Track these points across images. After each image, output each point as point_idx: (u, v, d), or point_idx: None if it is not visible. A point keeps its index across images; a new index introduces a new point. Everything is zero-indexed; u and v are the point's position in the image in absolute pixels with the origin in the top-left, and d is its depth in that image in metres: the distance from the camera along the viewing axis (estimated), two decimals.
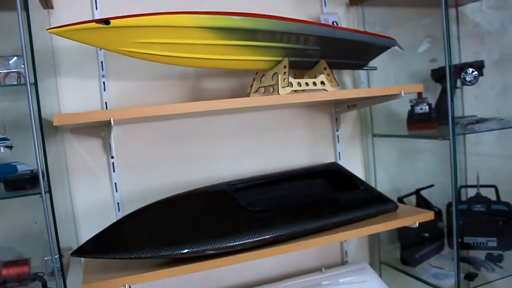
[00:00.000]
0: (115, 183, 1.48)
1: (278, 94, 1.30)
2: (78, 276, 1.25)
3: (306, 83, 1.37)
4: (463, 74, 1.68)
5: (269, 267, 1.69)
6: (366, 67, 1.62)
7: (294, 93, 1.33)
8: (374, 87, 1.76)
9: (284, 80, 1.31)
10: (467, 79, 1.68)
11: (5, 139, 1.25)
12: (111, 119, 1.10)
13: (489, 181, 1.76)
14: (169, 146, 1.55)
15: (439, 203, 1.77)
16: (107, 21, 1.06)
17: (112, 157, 1.47)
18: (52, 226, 1.13)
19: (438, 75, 1.75)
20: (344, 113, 1.79)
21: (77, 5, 1.42)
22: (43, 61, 1.23)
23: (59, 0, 1.39)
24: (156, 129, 1.53)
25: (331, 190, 1.59)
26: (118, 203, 1.48)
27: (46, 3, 1.33)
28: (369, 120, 1.84)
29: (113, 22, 1.06)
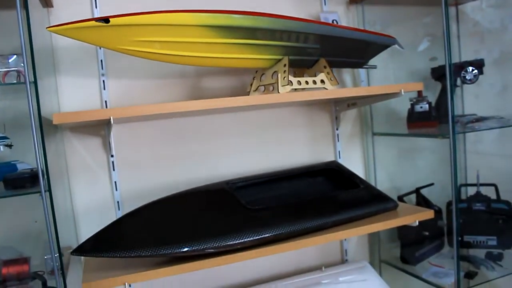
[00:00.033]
0: (115, 182, 1.48)
1: (278, 92, 1.30)
2: (78, 275, 1.25)
3: (306, 81, 1.37)
4: (463, 72, 1.68)
5: (269, 266, 1.69)
6: (366, 66, 1.62)
7: (294, 92, 1.33)
8: (374, 86, 1.76)
9: (284, 78, 1.31)
10: (467, 77, 1.68)
11: (5, 137, 1.25)
12: (111, 118, 1.10)
13: (489, 179, 1.76)
14: (169, 145, 1.55)
15: (439, 202, 1.77)
16: (106, 19, 1.06)
17: (112, 156, 1.47)
18: (52, 225, 1.13)
19: (438, 74, 1.75)
20: (344, 111, 1.79)
21: (77, 4, 1.42)
22: (42, 59, 1.23)
23: None
24: (156, 127, 1.53)
25: (331, 188, 1.59)
26: (118, 201, 1.48)
27: (45, 1, 1.33)
28: (369, 119, 1.84)
29: (113, 21, 1.06)
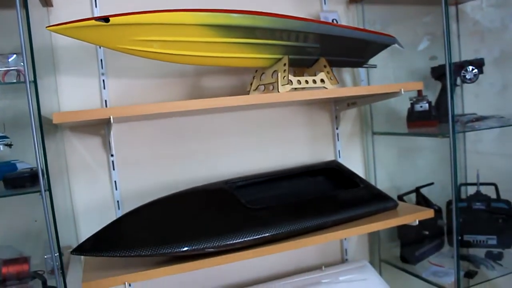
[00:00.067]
0: (115, 181, 1.48)
1: (278, 92, 1.30)
2: (78, 274, 1.25)
3: (306, 81, 1.37)
4: (463, 72, 1.68)
5: (269, 265, 1.69)
6: (366, 65, 1.62)
7: (293, 91, 1.33)
8: (374, 85, 1.76)
9: (284, 78, 1.31)
10: (467, 77, 1.68)
11: (5, 137, 1.24)
12: (111, 117, 1.10)
13: (489, 179, 1.76)
14: (169, 144, 1.55)
15: (439, 201, 1.77)
16: (106, 18, 1.06)
17: (112, 155, 1.47)
18: (52, 224, 1.13)
19: (438, 73, 1.75)
20: (344, 111, 1.79)
21: (77, 3, 1.42)
22: (42, 59, 1.23)
23: None
24: (156, 127, 1.53)
25: (331, 188, 1.59)
26: (118, 201, 1.48)
27: (45, 1, 1.33)
28: (369, 118, 1.84)
29: (113, 20, 1.06)
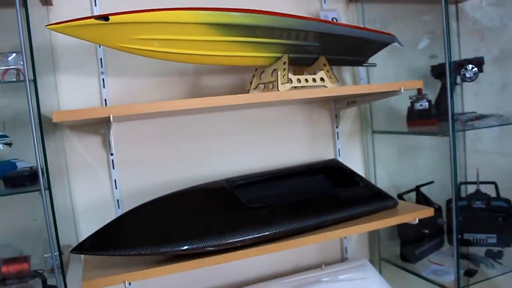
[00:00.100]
0: (115, 180, 1.48)
1: (278, 90, 1.30)
2: (78, 273, 1.25)
3: (306, 79, 1.37)
4: (462, 70, 1.68)
5: (269, 264, 1.70)
6: (366, 64, 1.62)
7: (293, 90, 1.33)
8: (373, 84, 1.76)
9: (284, 76, 1.31)
10: (467, 75, 1.68)
11: (4, 136, 1.24)
12: (111, 116, 1.10)
13: (488, 177, 1.76)
14: (169, 143, 1.55)
15: (439, 200, 1.77)
16: (106, 17, 1.06)
17: (112, 154, 1.47)
18: (51, 223, 1.13)
19: (437, 72, 1.75)
20: (344, 109, 1.79)
21: (76, 2, 1.42)
22: (42, 58, 1.23)
23: None
24: (155, 126, 1.53)
25: (331, 186, 1.59)
26: (117, 200, 1.48)
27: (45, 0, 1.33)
28: (368, 117, 1.84)
29: (112, 18, 1.06)
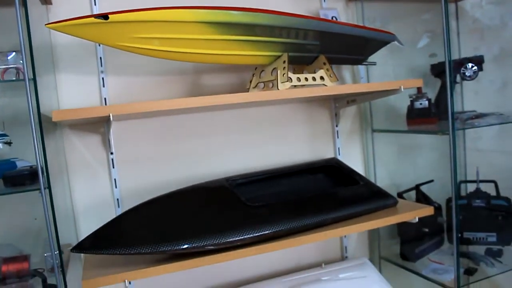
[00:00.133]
0: (115, 179, 1.48)
1: (278, 89, 1.30)
2: (78, 272, 1.25)
3: (306, 78, 1.37)
4: (462, 69, 1.68)
5: (269, 263, 1.70)
6: (366, 62, 1.62)
7: (293, 88, 1.33)
8: (373, 82, 1.76)
9: (284, 75, 1.31)
10: (467, 74, 1.68)
11: (4, 135, 1.24)
12: (110, 115, 1.10)
13: (488, 176, 1.76)
14: (169, 142, 1.55)
15: (438, 198, 1.77)
16: (105, 16, 1.05)
17: (112, 153, 1.47)
18: (51, 222, 1.13)
19: (437, 70, 1.75)
20: (344, 108, 1.79)
21: (76, 1, 1.41)
22: (41, 57, 1.23)
23: None
24: (155, 124, 1.53)
25: (330, 185, 1.59)
26: (117, 199, 1.48)
27: None
28: (368, 116, 1.84)
29: (112, 17, 1.06)
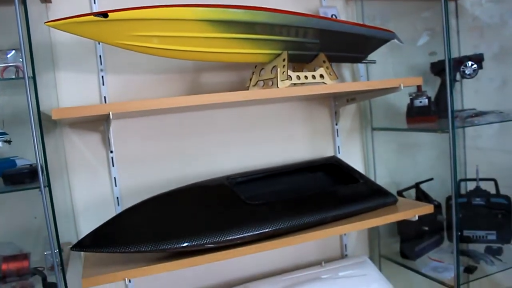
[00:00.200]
0: (115, 178, 1.48)
1: (277, 87, 1.30)
2: (78, 270, 1.25)
3: (305, 76, 1.37)
4: (462, 67, 1.68)
5: (269, 261, 1.70)
6: (365, 61, 1.62)
7: (293, 87, 1.33)
8: (373, 80, 1.76)
9: (283, 73, 1.31)
10: (467, 72, 1.68)
11: (4, 133, 1.24)
12: (110, 113, 1.10)
13: (488, 174, 1.76)
14: (168, 140, 1.55)
15: (438, 197, 1.77)
16: (105, 14, 1.05)
17: (111, 152, 1.47)
18: (51, 220, 1.13)
19: (437, 68, 1.75)
20: (343, 106, 1.79)
21: None
22: (41, 55, 1.23)
23: None
24: (155, 123, 1.53)
25: (330, 183, 1.59)
26: (117, 197, 1.48)
27: None
28: (368, 114, 1.84)
29: (111, 15, 1.06)
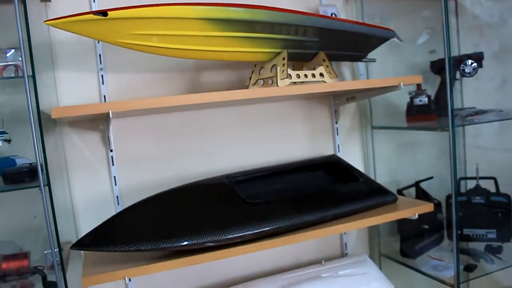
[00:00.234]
0: (114, 177, 1.48)
1: (277, 86, 1.30)
2: (78, 269, 1.25)
3: (305, 75, 1.37)
4: (462, 65, 1.67)
5: (269, 260, 1.70)
6: (365, 59, 1.62)
7: (293, 85, 1.33)
8: (373, 79, 1.76)
9: (283, 72, 1.31)
10: (466, 70, 1.68)
11: (4, 132, 1.24)
12: (110, 112, 1.10)
13: (488, 173, 1.76)
14: (168, 139, 1.55)
15: (438, 195, 1.77)
16: (104, 12, 1.05)
17: (111, 151, 1.47)
18: (51, 219, 1.13)
19: (437, 67, 1.75)
20: (343, 105, 1.79)
21: None
22: (40, 54, 1.23)
23: None
24: (155, 122, 1.53)
25: (330, 182, 1.59)
26: (117, 196, 1.48)
27: None
28: (368, 112, 1.84)
29: (111, 14, 1.06)
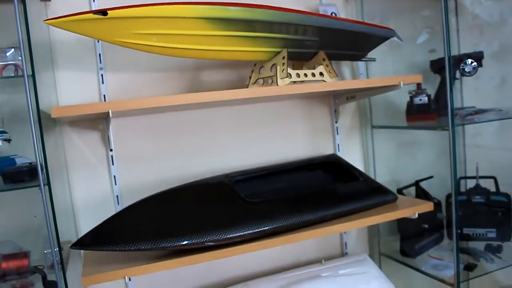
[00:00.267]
0: (114, 176, 1.48)
1: (277, 85, 1.30)
2: (78, 269, 1.25)
3: (305, 74, 1.37)
4: (462, 65, 1.67)
5: (269, 259, 1.70)
6: (365, 58, 1.62)
7: (292, 84, 1.33)
8: (373, 78, 1.76)
9: (283, 71, 1.31)
10: (466, 70, 1.68)
11: (3, 132, 1.24)
12: (110, 111, 1.10)
13: (488, 172, 1.76)
14: (168, 139, 1.55)
15: (438, 195, 1.77)
16: (104, 12, 1.05)
17: (111, 150, 1.47)
18: (51, 219, 1.13)
19: (437, 66, 1.74)
20: (343, 104, 1.79)
21: None
22: (40, 53, 1.23)
23: None
24: (155, 121, 1.53)
25: (330, 181, 1.59)
26: (117, 196, 1.48)
27: None
28: (368, 112, 1.84)
29: (111, 13, 1.06)
